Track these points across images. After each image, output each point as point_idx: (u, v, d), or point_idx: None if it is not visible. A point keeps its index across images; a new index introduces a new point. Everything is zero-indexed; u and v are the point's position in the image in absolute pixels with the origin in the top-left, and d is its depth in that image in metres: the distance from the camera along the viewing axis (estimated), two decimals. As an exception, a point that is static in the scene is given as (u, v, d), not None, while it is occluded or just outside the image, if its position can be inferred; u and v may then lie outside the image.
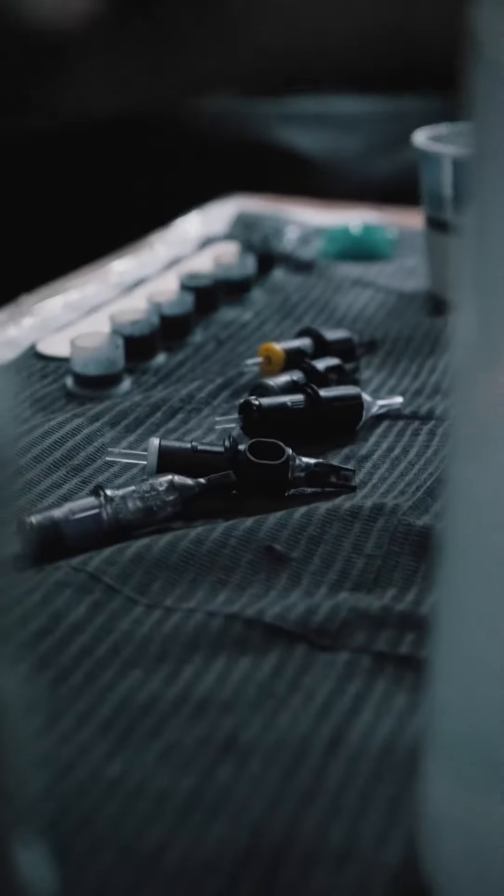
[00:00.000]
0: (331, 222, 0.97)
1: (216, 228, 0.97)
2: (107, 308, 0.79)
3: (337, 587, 0.48)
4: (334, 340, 0.68)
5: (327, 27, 1.32)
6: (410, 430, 0.61)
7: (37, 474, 0.56)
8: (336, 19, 1.31)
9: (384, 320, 0.77)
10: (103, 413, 0.62)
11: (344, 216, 0.99)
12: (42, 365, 0.71)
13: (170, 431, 0.61)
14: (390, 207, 1.05)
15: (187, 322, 0.74)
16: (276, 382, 0.62)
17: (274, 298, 0.81)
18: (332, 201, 1.08)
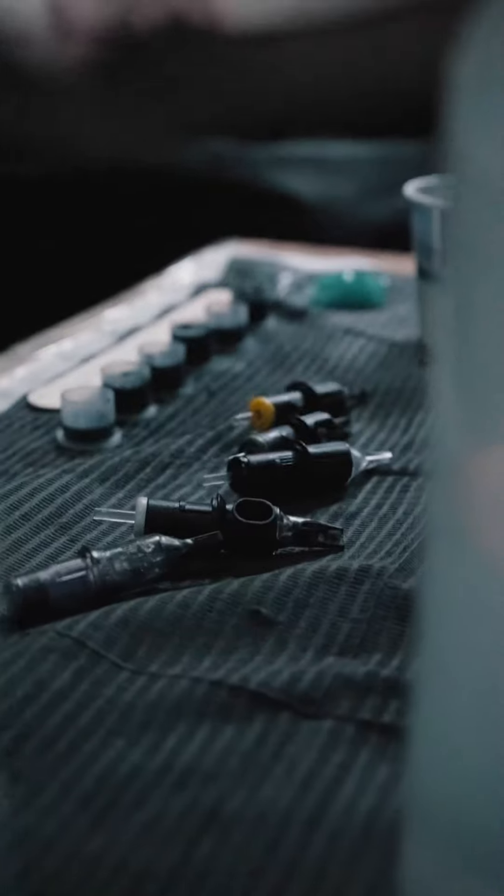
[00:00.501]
0: (324, 268, 0.98)
1: (210, 275, 0.97)
2: (100, 357, 0.79)
3: (323, 652, 0.47)
4: (324, 394, 0.68)
5: (322, 72, 1.33)
6: (399, 486, 0.62)
7: (25, 533, 0.56)
8: (331, 65, 1.32)
9: (375, 371, 0.77)
10: (93, 469, 0.62)
11: (337, 263, 0.99)
12: (34, 417, 0.71)
13: (159, 487, 0.61)
14: (384, 253, 1.05)
15: (179, 373, 0.74)
16: (265, 439, 0.62)
17: (266, 348, 0.81)
18: (326, 247, 1.09)
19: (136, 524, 0.54)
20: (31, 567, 0.53)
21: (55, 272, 1.34)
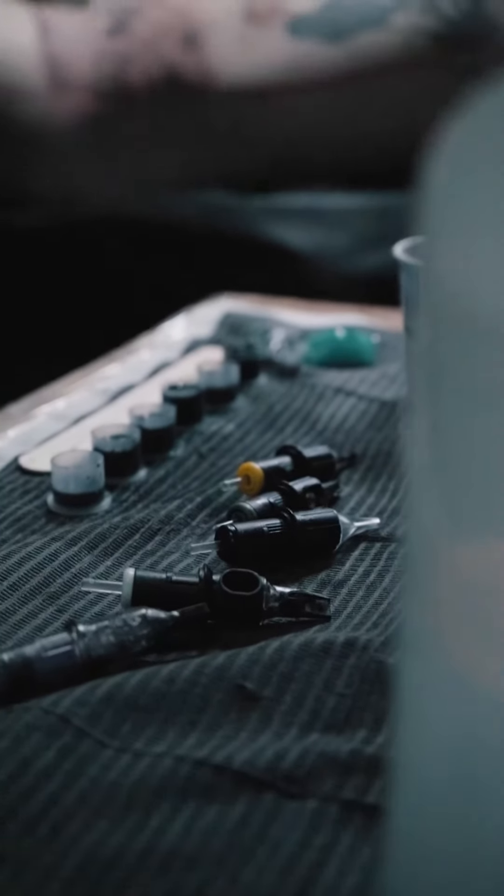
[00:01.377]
0: (316, 324, 0.98)
1: (202, 331, 0.98)
2: (92, 417, 0.80)
3: (307, 728, 0.48)
4: (313, 458, 0.69)
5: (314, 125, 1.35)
6: (387, 553, 0.62)
7: (13, 604, 0.56)
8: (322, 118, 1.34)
9: (365, 431, 0.78)
10: (81, 536, 0.62)
11: (328, 318, 1.00)
12: (24, 480, 0.71)
13: (147, 555, 0.62)
14: (376, 306, 1.06)
15: (169, 435, 0.75)
16: (253, 506, 0.62)
17: (257, 408, 0.81)
18: (318, 300, 1.09)
19: (123, 595, 0.55)
20: (17, 639, 0.53)
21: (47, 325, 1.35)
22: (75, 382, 0.87)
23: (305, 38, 1.29)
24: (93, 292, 1.36)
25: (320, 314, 1.02)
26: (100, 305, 1.36)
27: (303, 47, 1.29)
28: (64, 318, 1.36)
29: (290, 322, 0.99)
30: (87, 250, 1.38)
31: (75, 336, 1.35)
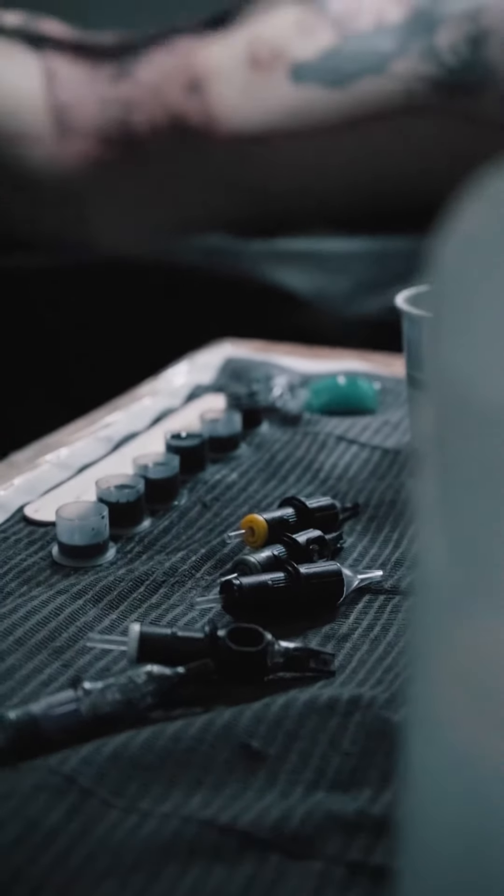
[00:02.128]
0: (318, 370, 0.99)
1: (204, 377, 0.98)
2: (96, 466, 0.80)
3: (313, 786, 0.48)
4: (317, 508, 0.69)
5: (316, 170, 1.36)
6: (390, 606, 0.62)
7: (18, 659, 0.56)
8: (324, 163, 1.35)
9: (367, 480, 0.78)
10: (86, 589, 0.63)
11: (330, 365, 1.00)
12: (30, 531, 0.71)
13: (152, 608, 0.62)
14: (378, 351, 1.07)
15: (173, 485, 0.75)
16: (257, 559, 0.63)
17: (260, 456, 0.82)
18: (320, 345, 1.10)
19: (128, 651, 0.55)
20: (23, 696, 0.54)
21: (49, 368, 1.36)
22: (79, 431, 0.87)
23: (307, 85, 1.31)
24: (95, 335, 1.37)
25: (322, 360, 1.03)
26: (102, 348, 1.37)
27: (305, 93, 1.31)
28: (66, 362, 1.37)
29: (291, 368, 1.00)
30: (91, 294, 1.39)
31: (78, 379, 1.36)
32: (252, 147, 1.34)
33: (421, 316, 0.80)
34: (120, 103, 1.36)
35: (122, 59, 1.38)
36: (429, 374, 0.30)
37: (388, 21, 1.29)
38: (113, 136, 1.38)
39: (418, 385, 0.82)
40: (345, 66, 1.29)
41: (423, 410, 0.30)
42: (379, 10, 1.30)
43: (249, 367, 0.99)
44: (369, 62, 1.28)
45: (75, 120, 1.38)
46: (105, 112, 1.37)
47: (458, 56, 1.25)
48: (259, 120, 1.33)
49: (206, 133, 1.34)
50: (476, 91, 1.24)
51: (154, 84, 1.33)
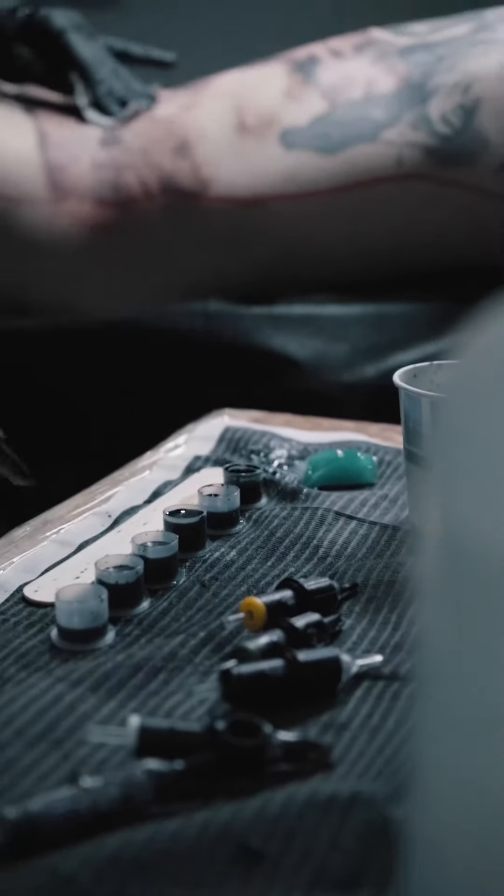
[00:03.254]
0: (316, 440, 1.00)
1: (203, 449, 0.99)
2: (95, 544, 0.81)
3: (312, 886, 0.48)
4: (315, 590, 0.69)
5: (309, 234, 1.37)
6: (390, 693, 0.62)
7: (17, 751, 0.56)
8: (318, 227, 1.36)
9: (366, 557, 0.78)
10: (86, 676, 0.63)
11: (328, 436, 1.01)
12: (29, 612, 0.72)
13: (151, 695, 0.62)
14: (376, 419, 1.07)
15: (172, 564, 0.75)
16: (255, 645, 0.63)
17: (259, 533, 0.82)
18: (318, 414, 1.11)
19: (128, 744, 0.55)
20: (23, 789, 0.53)
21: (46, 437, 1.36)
22: (79, 507, 0.87)
23: (299, 150, 1.32)
24: (91, 399, 1.38)
25: (320, 432, 1.03)
26: (99, 412, 1.37)
27: (296, 158, 1.32)
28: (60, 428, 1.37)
29: (289, 438, 1.00)
30: (86, 358, 1.40)
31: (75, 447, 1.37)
32: (243, 210, 1.35)
33: (419, 393, 0.81)
34: (111, 166, 1.38)
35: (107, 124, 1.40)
36: (431, 518, 0.30)
37: (380, 91, 1.30)
38: (106, 197, 1.39)
39: (416, 460, 0.82)
40: (336, 134, 1.30)
41: (422, 554, 0.30)
42: (369, 80, 1.31)
43: (248, 438, 1.00)
44: (361, 130, 1.29)
45: (69, 181, 1.39)
46: (98, 174, 1.39)
47: (450, 125, 1.26)
48: (251, 184, 1.34)
49: (197, 195, 1.36)
50: (468, 160, 1.26)
51: (142, 148, 1.35)
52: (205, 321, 1.36)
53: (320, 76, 1.32)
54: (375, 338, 1.32)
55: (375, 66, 1.31)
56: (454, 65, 1.28)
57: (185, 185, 1.34)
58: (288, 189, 1.32)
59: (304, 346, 1.33)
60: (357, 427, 1.05)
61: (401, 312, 1.33)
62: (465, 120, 1.25)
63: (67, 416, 1.38)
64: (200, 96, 1.37)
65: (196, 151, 1.32)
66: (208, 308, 1.37)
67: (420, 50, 1.32)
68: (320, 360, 1.32)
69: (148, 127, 1.36)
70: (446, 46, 1.31)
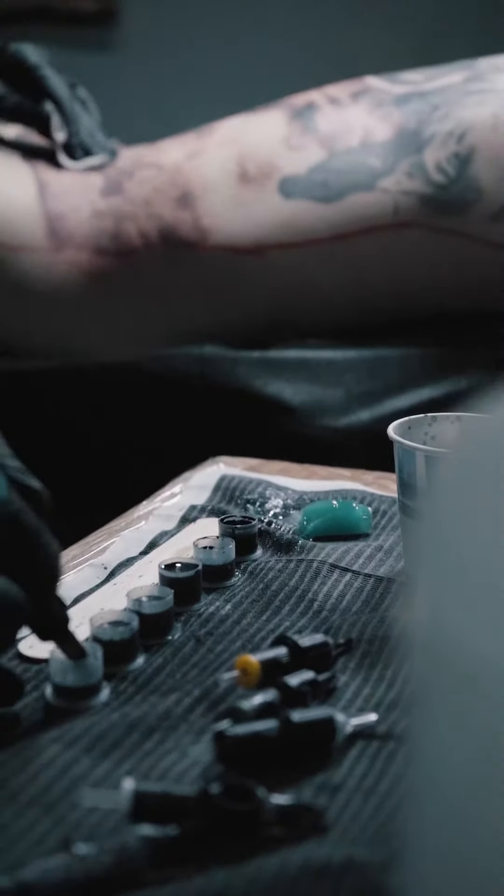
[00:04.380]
0: (311, 489, 1.00)
1: (199, 498, 0.99)
2: (90, 598, 0.81)
3: None
4: (310, 647, 0.69)
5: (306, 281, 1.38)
6: (385, 753, 0.62)
7: (10, 816, 0.56)
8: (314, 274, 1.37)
9: (360, 612, 0.78)
10: (80, 737, 0.63)
11: (323, 484, 1.01)
12: (24, 668, 0.71)
13: (146, 755, 0.62)
14: (371, 461, 1.08)
15: (167, 619, 0.75)
16: (250, 705, 0.63)
17: (254, 586, 0.82)
18: (313, 460, 1.11)
19: (122, 808, 0.55)
20: (15, 855, 0.53)
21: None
22: (75, 558, 0.88)
23: (297, 199, 1.33)
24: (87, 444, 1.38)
25: (315, 480, 1.03)
26: (94, 458, 1.38)
27: (294, 207, 1.33)
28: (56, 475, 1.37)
29: (285, 487, 1.01)
30: (82, 402, 1.40)
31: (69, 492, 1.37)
32: (242, 258, 1.36)
33: (413, 447, 0.81)
34: (111, 215, 1.39)
35: (110, 173, 1.41)
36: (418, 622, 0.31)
37: (376, 139, 1.31)
38: (105, 247, 1.40)
39: (410, 513, 0.83)
40: (333, 182, 1.31)
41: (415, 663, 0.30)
42: (366, 128, 1.33)
43: (243, 487, 1.00)
44: (358, 179, 1.30)
45: (68, 230, 1.40)
46: (98, 223, 1.39)
47: (445, 174, 1.27)
48: (249, 232, 1.35)
49: (196, 245, 1.37)
50: (462, 208, 1.27)
51: (145, 198, 1.36)
52: (200, 365, 1.37)
53: (319, 124, 1.33)
54: (370, 383, 1.33)
55: (372, 115, 1.33)
56: (448, 113, 1.30)
57: (186, 235, 1.35)
58: (286, 237, 1.33)
59: (299, 391, 1.34)
60: (352, 475, 1.06)
61: (395, 357, 1.34)
62: (459, 169, 1.27)
63: (61, 460, 1.38)
64: (205, 144, 1.38)
65: (198, 202, 1.33)
66: (204, 352, 1.37)
67: (415, 98, 1.33)
68: (315, 404, 1.32)
69: (153, 175, 1.37)
70: (440, 95, 1.32)
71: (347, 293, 1.36)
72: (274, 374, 1.34)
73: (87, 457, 1.39)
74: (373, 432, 1.30)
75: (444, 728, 0.27)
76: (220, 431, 1.33)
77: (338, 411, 1.32)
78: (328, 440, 1.30)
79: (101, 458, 1.38)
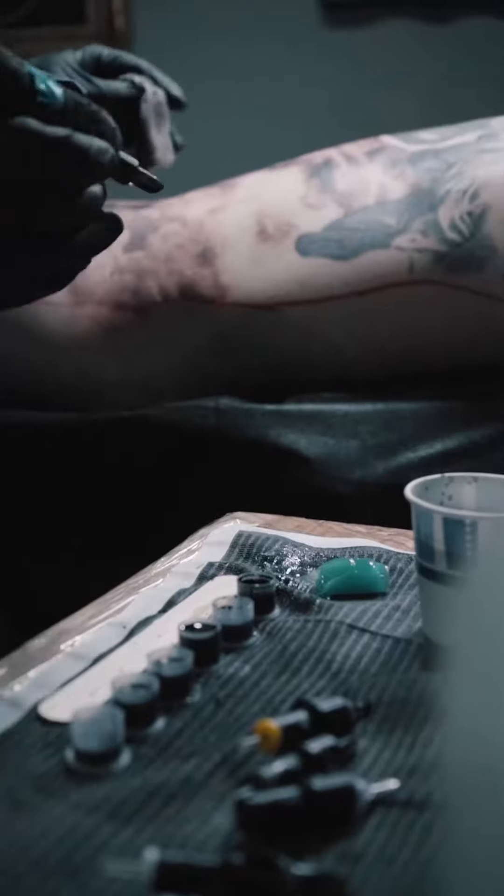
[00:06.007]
0: (328, 546, 1.01)
1: (216, 555, 1.00)
2: (110, 657, 0.81)
3: None
4: (329, 712, 0.70)
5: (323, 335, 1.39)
6: (405, 820, 0.62)
7: (34, 882, 0.57)
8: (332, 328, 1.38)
9: (379, 673, 0.79)
10: (102, 803, 0.63)
11: (340, 541, 1.02)
12: (44, 731, 0.72)
13: (167, 821, 0.62)
14: (385, 515, 1.08)
15: (187, 681, 0.76)
16: (270, 773, 0.63)
17: (273, 647, 0.83)
18: (329, 514, 1.12)
19: (145, 879, 0.55)
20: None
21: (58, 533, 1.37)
22: (94, 617, 0.88)
23: (313, 257, 1.35)
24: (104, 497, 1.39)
25: (331, 537, 1.04)
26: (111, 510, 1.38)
27: (311, 264, 1.35)
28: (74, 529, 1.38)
29: (301, 544, 1.01)
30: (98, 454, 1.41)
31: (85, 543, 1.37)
32: (259, 314, 1.38)
33: (430, 509, 0.82)
34: (133, 271, 1.40)
35: (135, 228, 1.42)
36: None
37: (391, 197, 1.33)
38: (125, 302, 1.42)
39: (428, 574, 0.83)
40: (349, 240, 1.33)
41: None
42: (381, 186, 1.34)
43: (260, 545, 1.01)
44: (374, 237, 1.32)
45: (90, 287, 1.42)
46: (119, 279, 1.41)
47: (459, 232, 1.29)
48: (266, 289, 1.37)
49: (214, 301, 1.38)
50: (477, 266, 1.28)
51: (167, 254, 1.37)
52: (216, 418, 1.38)
53: (336, 182, 1.35)
54: (385, 435, 1.34)
55: (387, 173, 1.34)
56: (462, 172, 1.31)
57: (205, 291, 1.37)
58: (303, 294, 1.34)
59: (314, 444, 1.34)
60: (368, 532, 1.07)
61: (410, 410, 1.35)
62: (473, 227, 1.28)
63: (76, 510, 1.39)
64: (228, 199, 1.39)
65: (217, 259, 1.35)
66: (219, 404, 1.38)
67: (429, 157, 1.35)
68: (330, 457, 1.33)
69: (176, 230, 1.38)
70: (454, 153, 1.34)
71: (363, 349, 1.37)
72: (288, 426, 1.35)
73: (102, 507, 1.40)
74: (387, 484, 1.31)
75: (478, 802, 0.28)
76: (234, 483, 1.34)
77: (352, 463, 1.32)
78: (343, 492, 1.31)
79: (116, 509, 1.38)
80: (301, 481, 1.33)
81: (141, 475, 1.41)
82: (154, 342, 1.43)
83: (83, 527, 1.38)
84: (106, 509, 1.41)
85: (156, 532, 1.16)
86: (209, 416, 1.39)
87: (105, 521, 1.40)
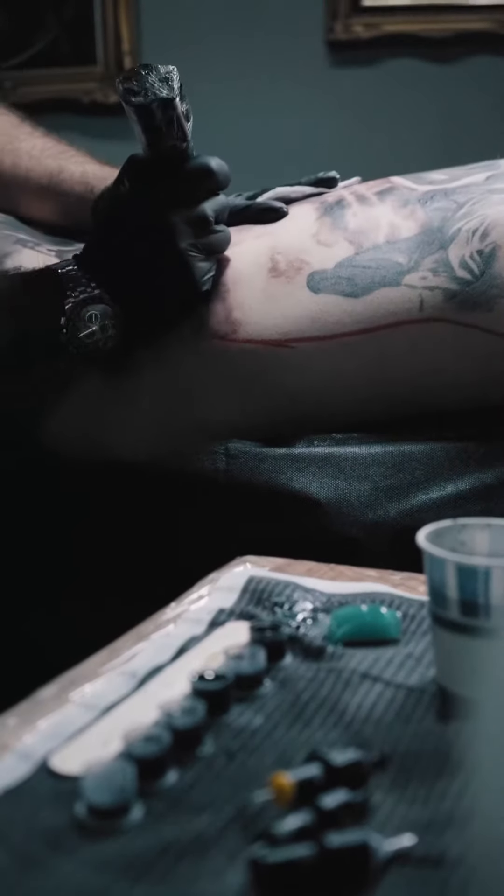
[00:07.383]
0: (340, 591, 1.00)
1: (227, 600, 0.99)
2: (120, 707, 0.80)
3: None
4: (343, 766, 0.69)
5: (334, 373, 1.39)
6: (420, 878, 0.61)
7: (44, 946, 0.56)
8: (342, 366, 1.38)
9: (393, 724, 0.78)
10: (113, 860, 0.62)
11: (352, 586, 1.01)
12: (54, 784, 0.71)
13: (179, 879, 0.61)
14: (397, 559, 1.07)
15: (199, 732, 0.75)
16: (283, 830, 0.62)
17: (285, 696, 0.82)
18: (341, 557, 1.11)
19: (156, 941, 0.54)
20: None
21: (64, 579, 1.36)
22: (103, 665, 0.87)
23: (325, 294, 1.34)
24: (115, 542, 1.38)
25: (343, 581, 1.03)
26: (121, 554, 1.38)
27: (323, 302, 1.34)
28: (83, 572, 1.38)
29: (313, 589, 1.00)
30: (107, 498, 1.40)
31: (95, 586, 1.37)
32: (269, 350, 1.37)
33: (443, 557, 0.81)
34: None
35: None
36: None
37: (402, 235, 1.33)
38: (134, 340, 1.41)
39: (442, 623, 0.82)
40: (360, 278, 1.33)
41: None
42: (392, 225, 1.34)
43: (271, 590, 1.00)
44: (384, 274, 1.32)
45: None
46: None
47: (469, 270, 1.29)
48: (277, 326, 1.36)
49: (226, 336, 1.38)
50: (487, 304, 1.28)
51: None
52: (226, 461, 1.37)
53: (348, 221, 1.35)
54: (396, 477, 1.33)
55: (398, 213, 1.34)
56: (472, 211, 1.31)
57: (217, 327, 1.36)
58: (313, 331, 1.34)
59: (325, 486, 1.34)
60: (380, 576, 1.06)
61: (421, 452, 1.34)
62: (483, 266, 1.28)
63: (86, 554, 1.38)
64: (244, 235, 1.39)
65: (230, 295, 1.35)
66: (229, 448, 1.38)
67: (439, 196, 1.35)
68: (342, 499, 1.32)
69: None
70: (464, 193, 1.34)
71: (373, 386, 1.37)
72: (299, 470, 1.34)
73: (111, 552, 1.39)
74: (400, 527, 1.30)
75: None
76: (245, 526, 1.33)
77: (364, 506, 1.31)
78: (354, 535, 1.30)
79: (126, 553, 1.38)
80: (313, 525, 1.32)
81: (150, 519, 1.40)
82: (163, 381, 1.42)
83: (92, 571, 1.37)
84: (115, 554, 1.40)
85: (166, 577, 1.15)
86: (219, 460, 1.38)
87: (114, 565, 1.39)
